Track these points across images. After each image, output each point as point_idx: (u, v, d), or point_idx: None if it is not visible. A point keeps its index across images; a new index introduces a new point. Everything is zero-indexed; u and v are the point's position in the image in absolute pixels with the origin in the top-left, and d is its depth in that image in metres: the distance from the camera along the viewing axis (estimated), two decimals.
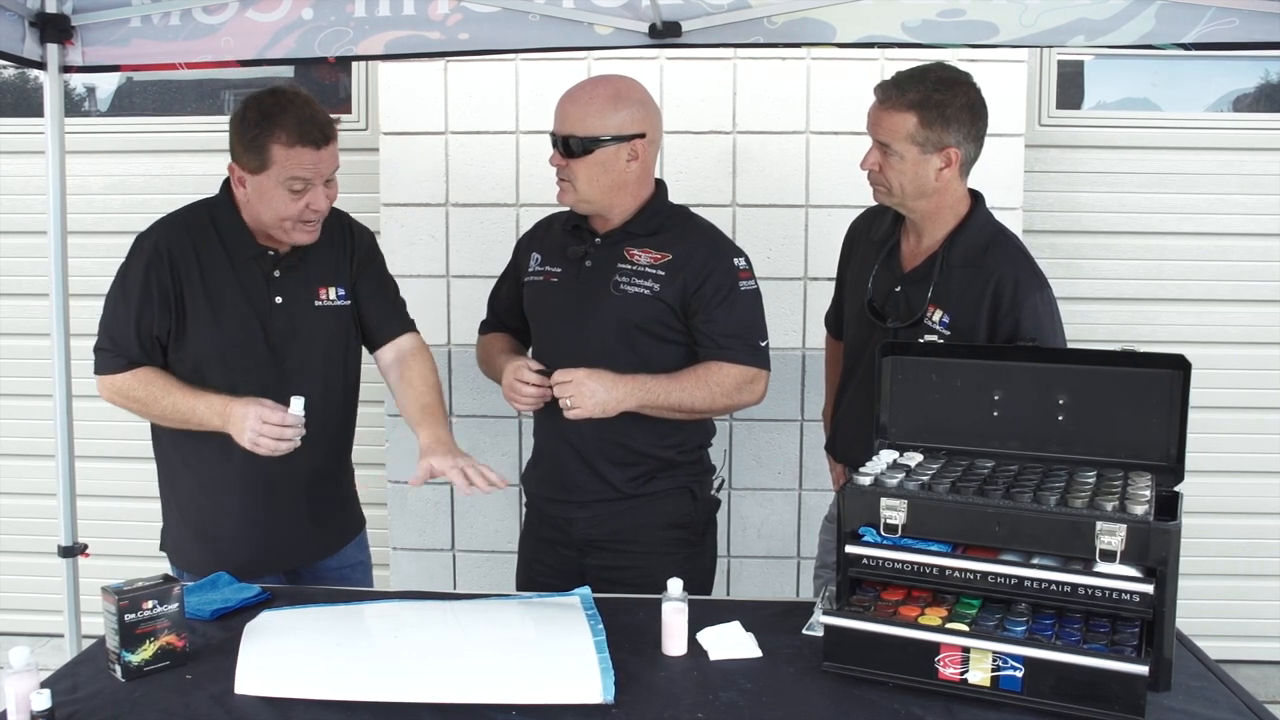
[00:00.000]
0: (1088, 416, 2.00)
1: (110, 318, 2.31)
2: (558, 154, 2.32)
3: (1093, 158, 3.74)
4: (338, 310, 2.38)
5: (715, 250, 2.39)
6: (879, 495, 1.85)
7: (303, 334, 2.32)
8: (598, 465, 2.38)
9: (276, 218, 2.23)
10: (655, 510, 2.41)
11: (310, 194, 2.20)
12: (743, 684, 1.79)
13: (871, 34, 2.49)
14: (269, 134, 2.16)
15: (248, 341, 2.28)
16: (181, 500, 2.39)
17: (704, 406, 2.35)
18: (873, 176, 2.34)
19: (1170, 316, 3.75)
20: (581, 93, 2.33)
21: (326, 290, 2.37)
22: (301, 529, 2.38)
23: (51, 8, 2.56)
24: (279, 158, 2.17)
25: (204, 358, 2.27)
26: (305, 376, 2.29)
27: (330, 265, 2.38)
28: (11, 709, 1.64)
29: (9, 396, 3.97)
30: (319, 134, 2.18)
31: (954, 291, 2.29)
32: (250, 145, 2.19)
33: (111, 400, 2.32)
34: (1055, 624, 1.74)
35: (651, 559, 2.37)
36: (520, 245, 2.59)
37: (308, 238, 2.27)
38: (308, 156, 2.17)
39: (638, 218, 2.38)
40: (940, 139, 2.23)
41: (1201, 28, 2.36)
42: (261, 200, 2.22)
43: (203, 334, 2.26)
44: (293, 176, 2.17)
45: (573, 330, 2.37)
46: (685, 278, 2.33)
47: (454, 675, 1.78)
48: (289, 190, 2.19)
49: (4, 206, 3.93)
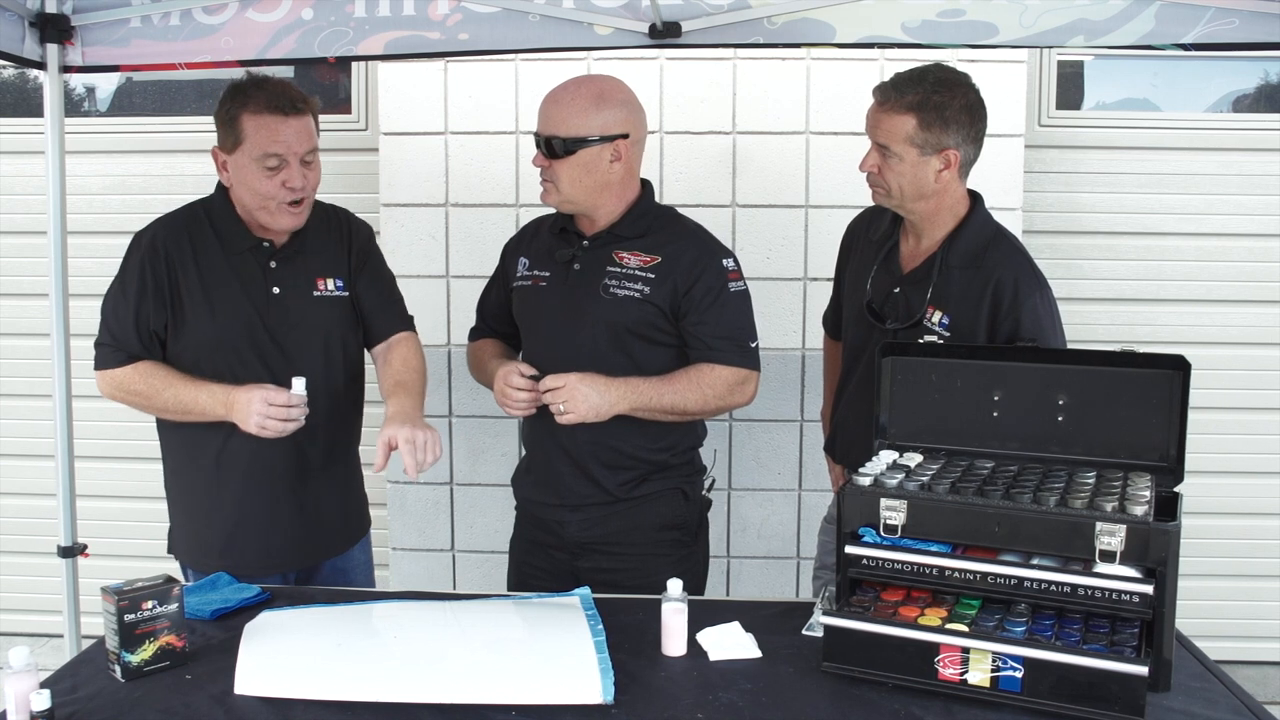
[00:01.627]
0: (1088, 417, 2.00)
1: (110, 313, 2.32)
2: (540, 155, 2.31)
3: (1093, 158, 3.74)
4: (336, 301, 2.39)
5: (704, 251, 2.38)
6: (879, 495, 1.85)
7: (302, 324, 2.33)
8: (590, 469, 2.38)
9: (257, 197, 2.25)
10: (648, 512, 2.41)
11: (285, 171, 2.23)
12: (743, 684, 1.79)
13: (871, 34, 2.49)
14: (240, 106, 2.22)
15: (245, 332, 2.28)
16: (189, 497, 2.39)
17: (696, 408, 2.35)
18: (872, 178, 2.33)
19: (1170, 317, 3.75)
20: (564, 93, 2.31)
21: (325, 281, 2.38)
22: (308, 525, 2.39)
23: (51, 8, 2.56)
24: (249, 129, 2.21)
25: (203, 350, 2.28)
26: (306, 367, 2.29)
27: (329, 256, 2.39)
28: (11, 709, 1.64)
29: (9, 396, 3.97)
30: (286, 103, 2.22)
31: (953, 292, 2.29)
32: (224, 121, 2.25)
33: (113, 396, 2.32)
34: (1055, 624, 1.74)
35: (645, 560, 2.37)
36: (507, 250, 2.57)
37: (292, 220, 2.29)
38: (276, 126, 2.20)
39: (624, 219, 2.37)
40: (939, 141, 2.23)
41: (1201, 28, 2.36)
42: (241, 181, 2.26)
43: (200, 326, 2.27)
44: (265, 153, 2.21)
45: (563, 334, 2.37)
46: (675, 280, 2.33)
47: (454, 675, 1.78)
48: (264, 167, 2.22)
49: (4, 206, 3.93)
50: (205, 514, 2.37)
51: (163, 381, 2.26)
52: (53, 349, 2.63)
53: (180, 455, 2.38)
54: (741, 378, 2.37)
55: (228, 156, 2.27)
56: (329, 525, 2.43)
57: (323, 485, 2.40)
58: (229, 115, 2.24)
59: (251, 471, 2.30)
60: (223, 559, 2.30)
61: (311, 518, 2.39)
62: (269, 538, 2.35)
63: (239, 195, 2.30)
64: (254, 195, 2.26)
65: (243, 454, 2.28)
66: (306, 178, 2.26)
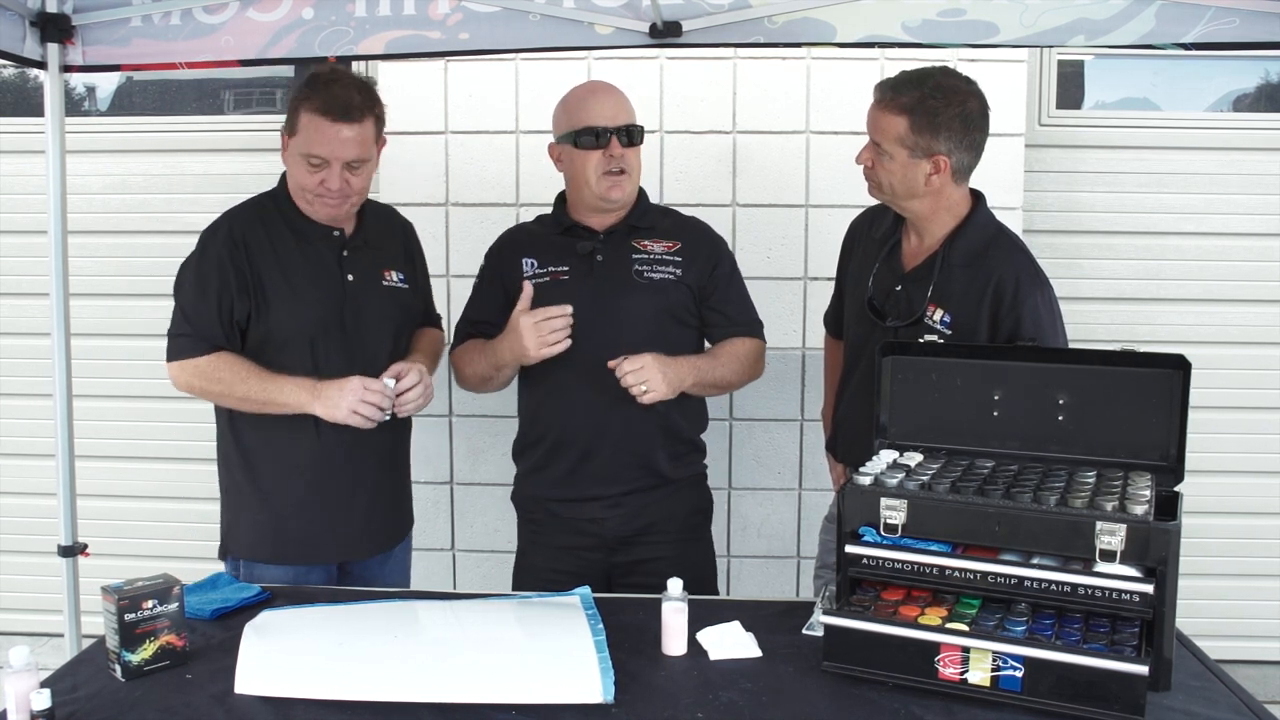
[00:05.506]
0: (1088, 416, 2.00)
1: (190, 304, 2.32)
2: (617, 145, 2.36)
3: (1093, 157, 3.73)
4: (401, 292, 2.46)
5: (712, 237, 2.55)
6: (879, 495, 1.85)
7: (374, 312, 2.39)
8: (639, 452, 2.41)
9: (297, 186, 2.31)
10: (683, 497, 2.50)
11: (325, 171, 2.25)
12: (743, 684, 1.79)
13: (872, 34, 2.49)
14: (304, 99, 2.25)
15: (327, 317, 2.33)
16: (259, 486, 2.38)
17: (737, 382, 2.48)
18: (866, 172, 2.36)
19: (1170, 316, 3.75)
20: (608, 88, 2.44)
21: (390, 272, 2.44)
22: (362, 518, 2.41)
23: (52, 7, 2.56)
24: (303, 124, 2.24)
25: (287, 337, 2.31)
26: (378, 353, 2.36)
27: (391, 250, 2.47)
28: (11, 708, 1.64)
29: (9, 396, 3.96)
30: (341, 110, 2.22)
31: (955, 291, 2.29)
32: (290, 106, 2.29)
33: (189, 386, 2.33)
34: (1055, 624, 1.74)
35: (680, 547, 2.45)
36: (504, 254, 2.53)
37: (327, 212, 2.32)
38: (326, 130, 2.22)
39: (636, 211, 2.46)
40: (929, 146, 2.23)
41: (1202, 28, 2.37)
42: (288, 165, 2.32)
43: (284, 313, 2.31)
44: (310, 152, 2.24)
45: (601, 321, 2.37)
46: (700, 263, 2.45)
47: (454, 675, 1.78)
48: (308, 163, 2.25)
49: (4, 206, 3.92)
50: (274, 497, 2.37)
51: (246, 371, 2.28)
52: (53, 349, 2.63)
53: (252, 438, 2.37)
54: (761, 350, 2.53)
55: (288, 140, 2.31)
56: (377, 521, 2.46)
57: (387, 476, 2.47)
58: (294, 103, 2.27)
59: (337, 462, 2.34)
60: (301, 548, 2.35)
61: (363, 509, 2.42)
62: (348, 525, 2.39)
63: (289, 175, 2.35)
64: (294, 182, 2.32)
65: (334, 445, 2.32)
66: (349, 183, 2.28)
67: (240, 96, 4.02)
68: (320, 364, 2.30)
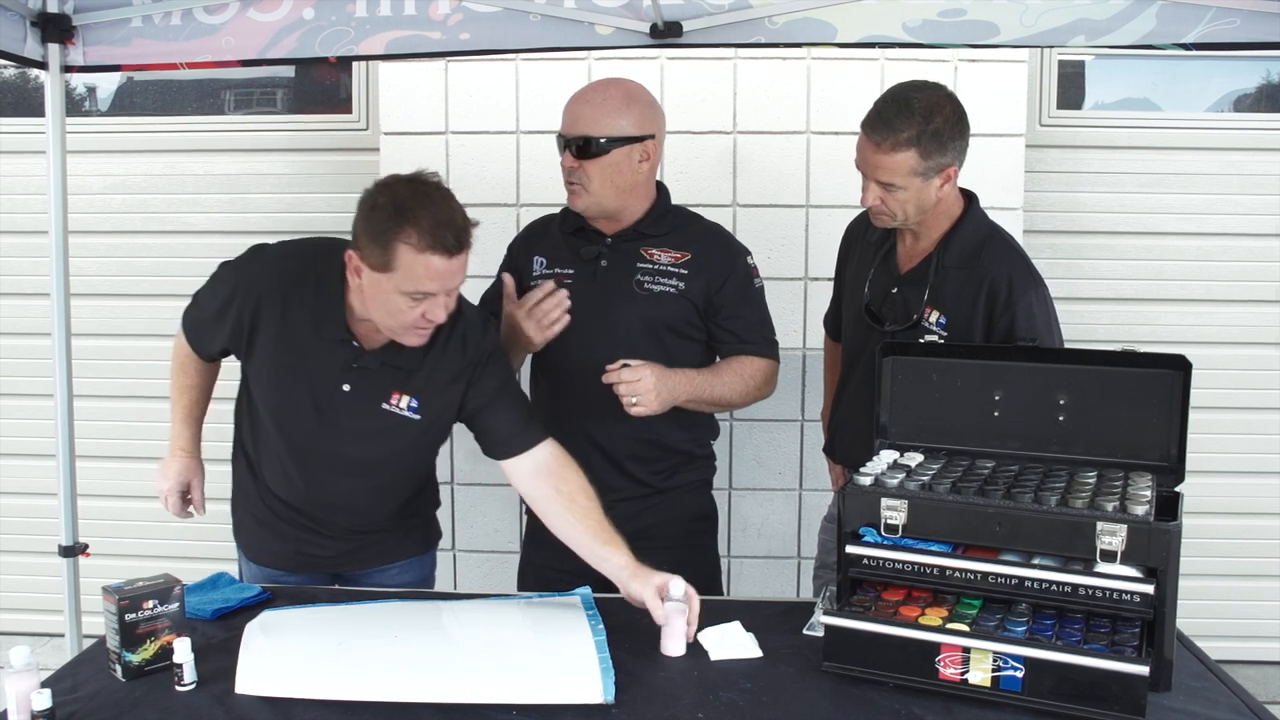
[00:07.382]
0: (1088, 416, 2.00)
1: (198, 302, 2.26)
2: (569, 156, 2.30)
3: (1093, 158, 3.73)
4: (405, 420, 2.16)
5: (729, 250, 2.44)
6: (879, 495, 1.85)
7: (363, 427, 2.17)
8: (624, 462, 2.40)
9: (389, 319, 2.03)
10: (680, 504, 2.46)
11: (430, 302, 1.99)
12: (743, 684, 1.79)
13: (872, 34, 2.49)
14: (399, 230, 1.91)
15: (296, 408, 2.16)
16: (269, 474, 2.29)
17: (739, 400, 2.41)
18: (874, 208, 2.32)
19: (1170, 316, 3.75)
20: (594, 94, 2.33)
21: (400, 397, 2.15)
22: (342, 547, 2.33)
23: (53, 7, 2.56)
24: (405, 262, 1.92)
25: (260, 394, 2.21)
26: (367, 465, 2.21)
27: (423, 376, 2.15)
28: (12, 708, 1.64)
29: (9, 396, 3.96)
30: (453, 240, 1.93)
31: (950, 292, 2.30)
32: (378, 238, 1.93)
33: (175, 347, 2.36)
34: (1056, 624, 1.74)
35: (679, 553, 2.39)
36: (516, 248, 2.54)
37: (418, 340, 2.08)
38: (437, 266, 1.93)
39: (648, 218, 2.39)
40: (939, 163, 2.23)
41: (1202, 28, 2.37)
42: (375, 299, 2.01)
43: (261, 380, 2.19)
44: (417, 290, 1.95)
45: (597, 329, 2.35)
46: (707, 277, 2.37)
47: (454, 675, 1.78)
48: (410, 299, 1.97)
49: (4, 206, 3.92)
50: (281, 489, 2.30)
51: (182, 379, 2.33)
52: (53, 349, 2.63)
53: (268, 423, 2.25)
54: (772, 370, 2.44)
55: (369, 270, 1.97)
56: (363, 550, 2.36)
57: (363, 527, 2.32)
58: (384, 236, 1.92)
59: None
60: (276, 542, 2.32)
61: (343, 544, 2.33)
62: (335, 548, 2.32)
63: (368, 304, 2.04)
64: (387, 316, 2.03)
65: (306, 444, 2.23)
66: (449, 307, 2.04)
67: (240, 97, 4.02)
68: (288, 439, 2.18)
